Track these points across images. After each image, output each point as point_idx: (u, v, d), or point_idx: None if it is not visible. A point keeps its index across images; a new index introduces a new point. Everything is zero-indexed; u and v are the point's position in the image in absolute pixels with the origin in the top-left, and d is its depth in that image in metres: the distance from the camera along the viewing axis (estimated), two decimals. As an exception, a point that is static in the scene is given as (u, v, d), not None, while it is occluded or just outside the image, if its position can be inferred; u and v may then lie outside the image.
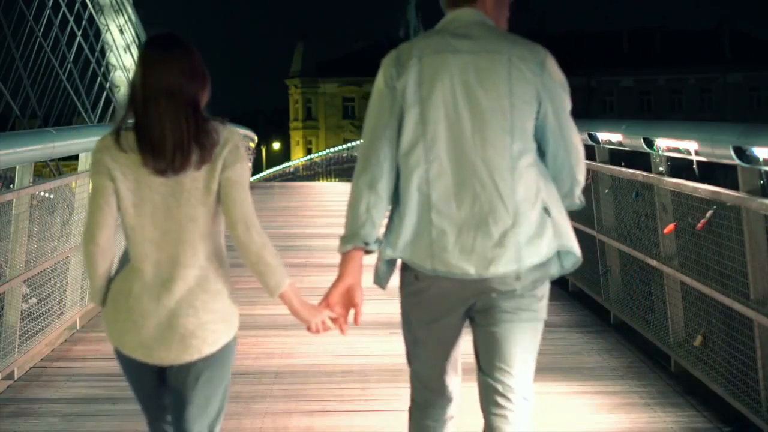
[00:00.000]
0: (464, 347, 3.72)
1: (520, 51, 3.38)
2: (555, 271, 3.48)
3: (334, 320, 3.47)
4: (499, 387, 3.47)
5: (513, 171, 3.36)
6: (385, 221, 3.52)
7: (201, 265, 3.34)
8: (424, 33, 3.55)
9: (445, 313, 3.46)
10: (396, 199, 3.47)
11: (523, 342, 3.46)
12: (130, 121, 3.35)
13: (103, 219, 3.33)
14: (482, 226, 3.36)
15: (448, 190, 3.37)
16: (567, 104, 3.44)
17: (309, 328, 3.46)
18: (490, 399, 3.49)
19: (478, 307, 3.45)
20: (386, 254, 3.47)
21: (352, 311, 3.49)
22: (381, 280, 3.54)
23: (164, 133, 3.27)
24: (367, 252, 3.47)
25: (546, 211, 3.41)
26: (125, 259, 3.41)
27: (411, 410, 3.72)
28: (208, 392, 3.42)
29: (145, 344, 3.34)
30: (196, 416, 3.43)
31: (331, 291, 3.46)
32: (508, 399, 3.46)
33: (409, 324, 3.55)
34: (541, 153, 3.45)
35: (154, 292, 3.32)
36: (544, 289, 3.49)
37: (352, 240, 3.44)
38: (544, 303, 3.50)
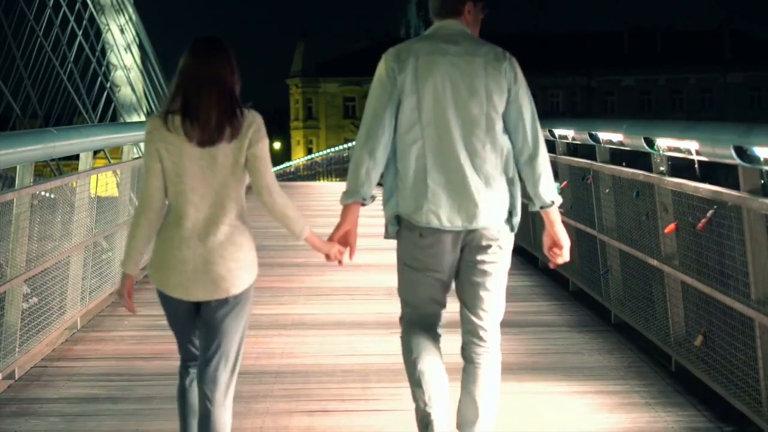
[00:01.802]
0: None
1: (494, 55, 4.35)
2: (511, 227, 4.43)
3: (339, 252, 4.41)
4: (475, 324, 4.45)
5: (485, 147, 4.32)
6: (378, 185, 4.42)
7: (231, 223, 4.15)
8: (418, 37, 4.45)
9: (437, 257, 4.39)
10: (395, 168, 4.39)
11: (494, 289, 4.44)
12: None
13: (158, 193, 4.17)
14: (464, 190, 4.31)
15: (438, 162, 4.32)
16: (528, 96, 4.39)
17: (328, 257, 4.40)
18: (469, 335, 4.47)
19: (464, 256, 4.39)
20: (390, 212, 4.42)
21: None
22: (391, 234, 4.49)
23: (210, 112, 4.09)
24: (363, 205, 4.43)
25: (509, 180, 4.38)
26: (168, 218, 4.18)
27: (402, 333, 4.57)
28: (232, 325, 4.22)
29: (184, 284, 4.15)
30: (220, 346, 4.22)
31: (334, 232, 4.42)
32: (484, 332, 4.45)
33: (403, 269, 4.49)
34: (509, 134, 4.39)
35: (191, 243, 4.13)
36: (508, 249, 4.45)
37: (353, 195, 4.39)
38: (507, 259, 4.47)
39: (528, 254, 11.51)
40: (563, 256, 4.47)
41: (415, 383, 4.49)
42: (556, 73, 74.93)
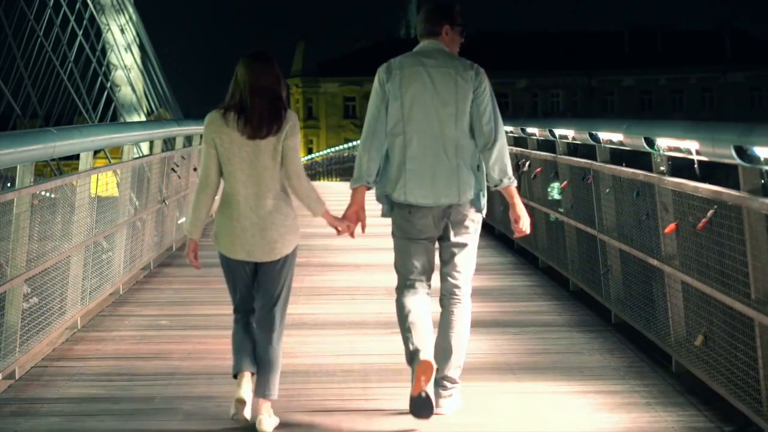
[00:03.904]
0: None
1: (463, 67, 5.51)
2: (479, 207, 5.54)
3: (349, 227, 5.53)
4: (452, 281, 5.59)
5: (455, 140, 5.47)
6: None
7: (275, 196, 5.29)
8: (405, 54, 5.62)
9: (417, 228, 5.53)
10: (386, 157, 5.55)
11: (465, 256, 5.58)
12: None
13: (214, 173, 5.31)
14: (437, 174, 5.46)
15: (417, 151, 5.48)
16: (490, 102, 5.51)
17: (339, 232, 5.53)
18: (446, 292, 5.61)
19: (440, 227, 5.51)
20: (380, 192, 5.59)
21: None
22: (385, 212, 5.62)
23: (262, 114, 5.24)
24: (368, 188, 5.57)
25: (477, 168, 5.52)
26: (225, 196, 5.32)
27: (396, 299, 5.62)
28: (283, 277, 5.42)
29: (246, 248, 5.31)
30: (274, 298, 5.42)
31: (347, 210, 5.56)
32: (458, 288, 5.59)
33: (397, 238, 5.61)
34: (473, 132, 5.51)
35: (247, 214, 5.28)
36: (477, 223, 5.58)
37: (359, 181, 5.56)
38: (476, 232, 5.60)
39: (528, 254, 11.51)
40: (524, 229, 5.67)
41: (405, 331, 5.51)
42: (556, 73, 74.88)
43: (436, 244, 5.64)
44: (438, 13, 5.63)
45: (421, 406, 5.35)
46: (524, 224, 5.65)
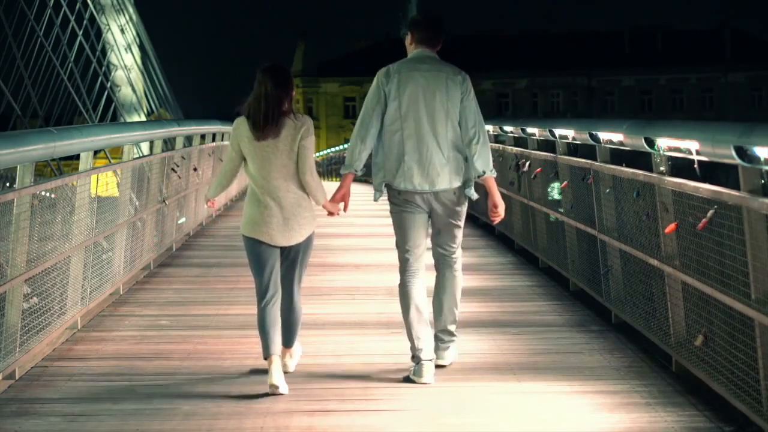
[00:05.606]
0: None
1: (452, 72, 6.40)
2: (466, 192, 6.42)
3: (337, 208, 6.45)
4: (444, 253, 6.52)
5: (447, 134, 6.36)
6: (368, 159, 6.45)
7: (294, 191, 6.20)
8: (402, 60, 6.49)
9: (412, 211, 6.42)
10: (383, 151, 6.41)
11: (455, 231, 6.50)
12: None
13: (230, 172, 6.36)
14: (431, 164, 6.34)
15: (413, 145, 6.35)
16: (474, 100, 6.41)
17: (331, 214, 6.45)
18: (440, 260, 6.54)
19: (430, 211, 6.43)
20: (379, 179, 6.45)
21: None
22: (376, 196, 6.53)
23: (275, 120, 6.12)
24: (355, 175, 6.46)
25: (465, 159, 6.38)
26: (252, 190, 6.24)
27: (400, 283, 6.49)
28: (301, 258, 6.38)
29: (270, 234, 6.22)
30: (295, 271, 6.39)
31: (336, 193, 6.44)
32: (450, 259, 6.52)
33: (395, 219, 6.50)
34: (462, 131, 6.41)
35: (271, 205, 6.19)
36: (464, 205, 6.47)
37: (349, 168, 6.43)
38: (464, 212, 6.50)
39: (528, 254, 11.51)
40: (500, 214, 6.52)
41: (407, 324, 6.39)
42: (556, 73, 74.89)
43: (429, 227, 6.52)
44: (439, 27, 6.52)
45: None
46: (501, 210, 6.52)
